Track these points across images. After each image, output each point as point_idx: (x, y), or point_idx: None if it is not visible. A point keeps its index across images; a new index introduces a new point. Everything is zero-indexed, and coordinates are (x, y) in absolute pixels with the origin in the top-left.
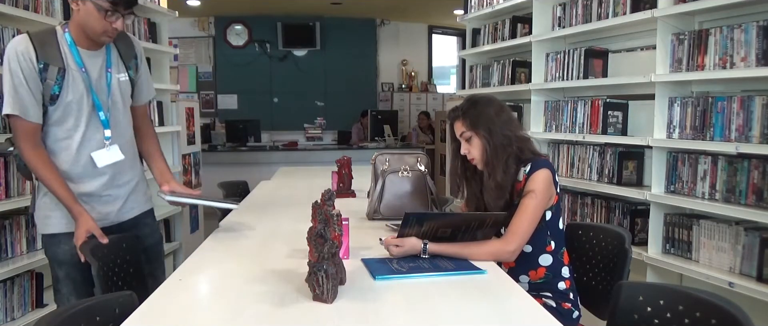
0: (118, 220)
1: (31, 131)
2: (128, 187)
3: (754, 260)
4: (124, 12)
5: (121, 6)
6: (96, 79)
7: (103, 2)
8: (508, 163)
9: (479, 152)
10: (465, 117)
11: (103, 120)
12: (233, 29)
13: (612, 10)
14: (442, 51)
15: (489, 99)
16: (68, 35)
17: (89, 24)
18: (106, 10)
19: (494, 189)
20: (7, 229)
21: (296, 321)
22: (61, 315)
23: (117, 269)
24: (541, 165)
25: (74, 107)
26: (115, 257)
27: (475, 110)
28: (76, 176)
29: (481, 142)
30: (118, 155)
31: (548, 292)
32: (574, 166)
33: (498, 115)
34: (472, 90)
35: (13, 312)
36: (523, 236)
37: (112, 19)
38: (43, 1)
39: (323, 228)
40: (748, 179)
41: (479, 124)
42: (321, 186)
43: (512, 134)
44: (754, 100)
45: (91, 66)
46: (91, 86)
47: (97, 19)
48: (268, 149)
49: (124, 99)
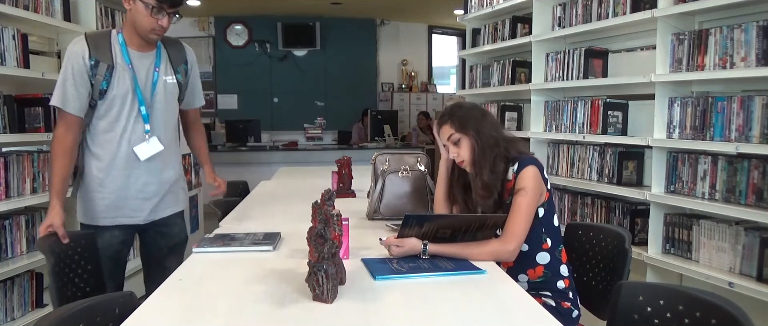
0: (152, 219)
1: (68, 121)
2: (166, 186)
3: (754, 260)
4: (169, 10)
5: (166, 4)
6: (143, 77)
7: (149, 0)
8: (496, 162)
9: (468, 153)
10: (453, 120)
11: (144, 114)
12: (233, 29)
13: (612, 10)
14: (442, 51)
15: (472, 104)
16: (120, 36)
17: (138, 21)
18: (153, 7)
19: (481, 188)
20: (7, 229)
21: (296, 321)
22: (62, 315)
23: (74, 266)
24: (528, 163)
25: (119, 101)
26: (73, 254)
27: (462, 112)
28: (119, 169)
29: (470, 142)
30: (158, 146)
31: (547, 291)
32: (574, 166)
33: (483, 116)
34: (472, 90)
35: (13, 312)
36: (521, 234)
37: (159, 17)
38: (43, 1)
39: (323, 228)
40: (748, 179)
41: (467, 125)
42: (321, 186)
43: (498, 135)
44: (754, 100)
45: (139, 65)
46: (136, 83)
47: (145, 16)
48: (268, 149)
49: (168, 99)
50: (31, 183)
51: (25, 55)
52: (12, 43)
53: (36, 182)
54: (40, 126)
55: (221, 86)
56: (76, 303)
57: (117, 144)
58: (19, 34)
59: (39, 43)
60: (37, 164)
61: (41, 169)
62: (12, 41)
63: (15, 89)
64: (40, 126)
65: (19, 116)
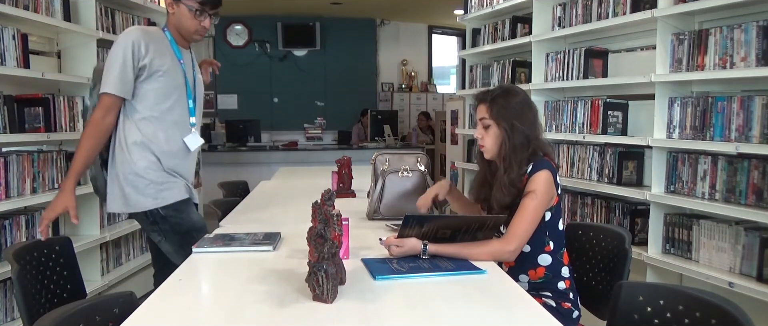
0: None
1: (111, 105)
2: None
3: (754, 260)
4: (210, 12)
5: (207, 6)
6: (190, 72)
7: (193, 3)
8: (521, 164)
9: (493, 143)
10: (493, 104)
11: (191, 107)
12: (233, 29)
13: (612, 10)
14: (442, 51)
15: (520, 93)
16: (168, 33)
17: (183, 23)
18: (196, 9)
19: (507, 185)
20: (7, 229)
21: (296, 321)
22: (61, 315)
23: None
24: (543, 166)
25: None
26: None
27: (505, 101)
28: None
29: (500, 134)
30: (200, 140)
31: (548, 292)
32: (574, 166)
33: (524, 113)
34: (472, 90)
35: (13, 312)
36: (523, 236)
37: (202, 19)
38: (43, 1)
39: (323, 228)
40: (748, 179)
41: (504, 117)
42: (321, 186)
43: (532, 135)
44: (754, 100)
45: (186, 61)
46: (185, 77)
47: (189, 18)
48: (268, 149)
49: (202, 94)
50: (31, 183)
51: (25, 55)
52: (12, 43)
53: (36, 182)
54: (40, 126)
55: (221, 86)
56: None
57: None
58: (19, 34)
59: (39, 43)
60: (37, 164)
61: (41, 169)
62: (12, 41)
63: (15, 89)
64: (40, 126)
65: (19, 116)
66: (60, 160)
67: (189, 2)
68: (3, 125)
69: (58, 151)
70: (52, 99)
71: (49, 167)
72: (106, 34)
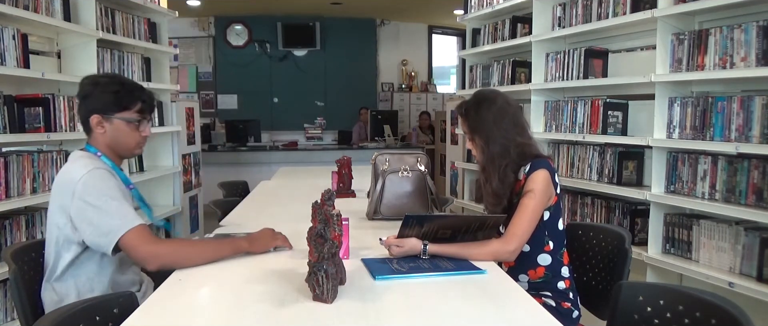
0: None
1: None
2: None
3: (754, 260)
4: (149, 117)
5: (147, 112)
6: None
7: (132, 114)
8: (506, 172)
9: (477, 153)
10: (467, 118)
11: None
12: (233, 29)
13: (612, 10)
14: (442, 51)
15: (492, 101)
16: (105, 158)
17: (120, 140)
18: (138, 120)
19: (491, 195)
20: (7, 229)
21: (296, 321)
22: (61, 315)
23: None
24: (540, 166)
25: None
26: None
27: (476, 115)
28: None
29: (480, 145)
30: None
31: (548, 292)
32: (574, 166)
33: (499, 121)
34: (472, 90)
35: (13, 312)
36: (523, 236)
37: (143, 128)
38: (43, 1)
39: (323, 228)
40: (748, 179)
41: (477, 130)
42: (321, 186)
43: (512, 141)
44: (754, 100)
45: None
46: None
47: (127, 133)
48: (268, 149)
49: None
50: (31, 183)
51: (25, 55)
52: (12, 43)
53: (36, 182)
54: (40, 126)
55: (221, 86)
56: (75, 303)
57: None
58: (19, 34)
59: (39, 43)
60: (37, 164)
61: (41, 169)
62: (12, 41)
63: (15, 89)
64: (40, 126)
65: (19, 116)
66: (60, 159)
67: (126, 115)
68: (3, 125)
69: (58, 151)
70: (52, 99)
71: (49, 167)
72: (106, 34)
